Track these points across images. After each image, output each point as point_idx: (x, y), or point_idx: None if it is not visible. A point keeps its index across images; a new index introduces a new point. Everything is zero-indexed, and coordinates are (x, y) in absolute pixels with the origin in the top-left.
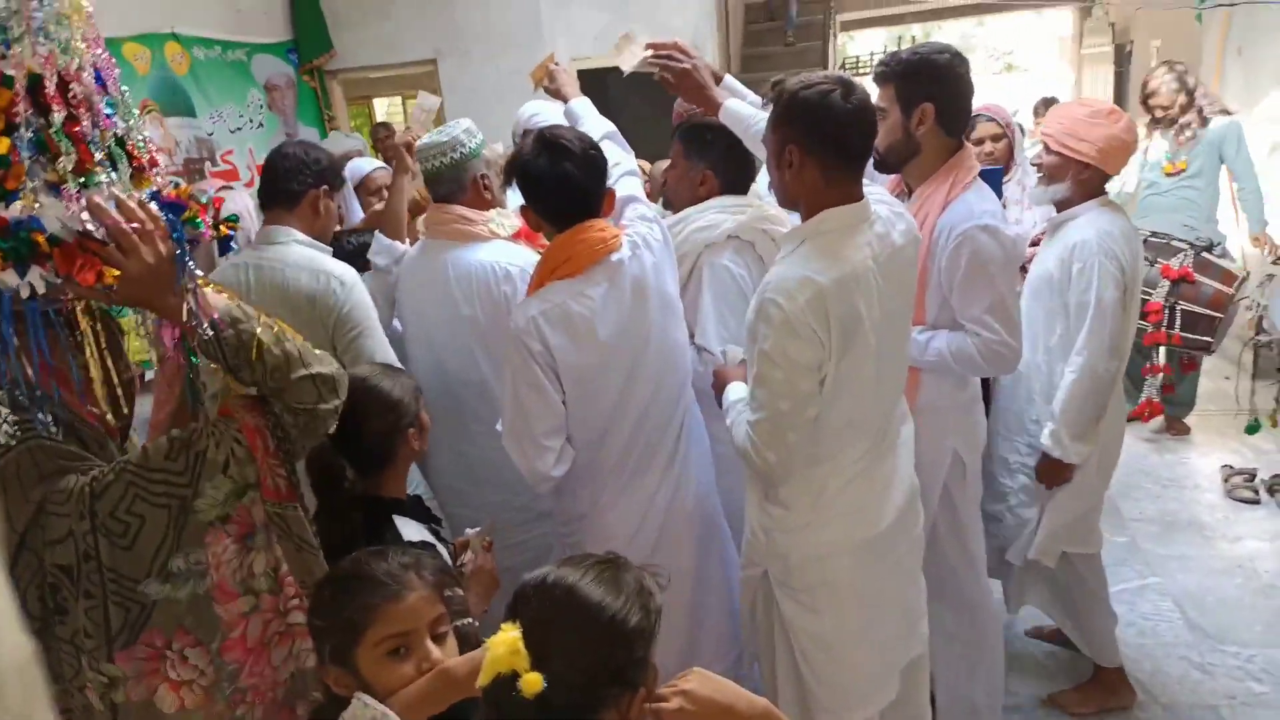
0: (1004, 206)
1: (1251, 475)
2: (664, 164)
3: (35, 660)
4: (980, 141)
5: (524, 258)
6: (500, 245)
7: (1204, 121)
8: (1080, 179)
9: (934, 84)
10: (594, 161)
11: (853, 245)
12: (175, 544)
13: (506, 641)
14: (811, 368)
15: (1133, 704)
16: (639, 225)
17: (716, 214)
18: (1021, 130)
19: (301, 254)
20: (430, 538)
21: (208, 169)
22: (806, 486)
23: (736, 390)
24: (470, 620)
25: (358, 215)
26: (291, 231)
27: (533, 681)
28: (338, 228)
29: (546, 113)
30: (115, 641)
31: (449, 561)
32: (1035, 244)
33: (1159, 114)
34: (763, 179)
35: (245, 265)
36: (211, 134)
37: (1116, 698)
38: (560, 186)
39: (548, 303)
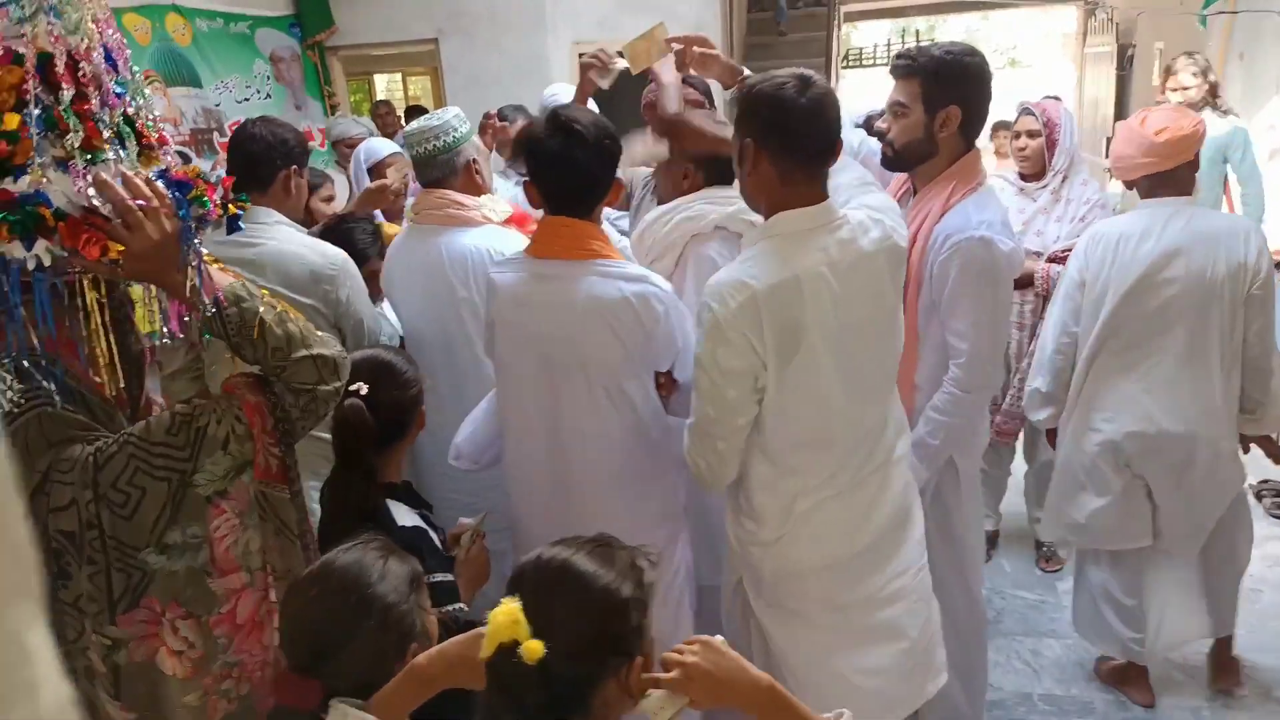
0: (1026, 215)
1: None
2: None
3: (73, 707)
4: (1017, 135)
5: (518, 243)
6: (493, 230)
7: (1224, 114)
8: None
9: (964, 87)
10: (606, 151)
11: (805, 250)
12: (173, 517)
13: (507, 612)
14: (741, 375)
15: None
16: (652, 279)
17: (704, 205)
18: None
19: (290, 235)
20: (421, 523)
21: (216, 139)
22: (776, 500)
23: None
24: (460, 606)
25: None
26: (271, 213)
27: (534, 648)
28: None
29: (565, 94)
30: (117, 605)
31: (439, 546)
32: (1054, 260)
33: (1178, 99)
34: None
35: (232, 243)
36: (219, 105)
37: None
38: (566, 171)
39: (505, 267)
